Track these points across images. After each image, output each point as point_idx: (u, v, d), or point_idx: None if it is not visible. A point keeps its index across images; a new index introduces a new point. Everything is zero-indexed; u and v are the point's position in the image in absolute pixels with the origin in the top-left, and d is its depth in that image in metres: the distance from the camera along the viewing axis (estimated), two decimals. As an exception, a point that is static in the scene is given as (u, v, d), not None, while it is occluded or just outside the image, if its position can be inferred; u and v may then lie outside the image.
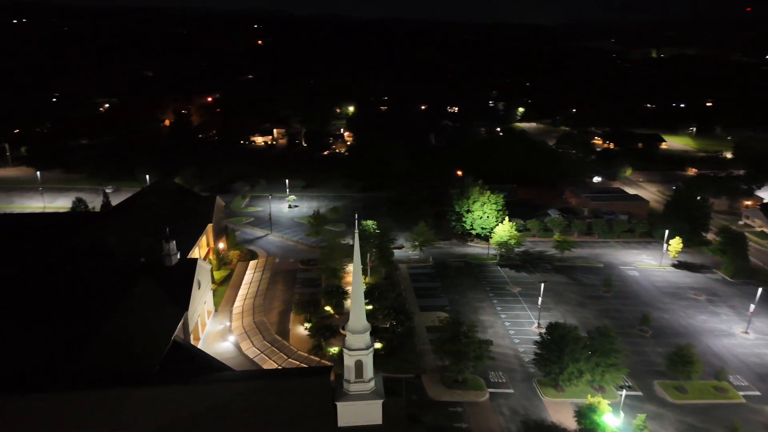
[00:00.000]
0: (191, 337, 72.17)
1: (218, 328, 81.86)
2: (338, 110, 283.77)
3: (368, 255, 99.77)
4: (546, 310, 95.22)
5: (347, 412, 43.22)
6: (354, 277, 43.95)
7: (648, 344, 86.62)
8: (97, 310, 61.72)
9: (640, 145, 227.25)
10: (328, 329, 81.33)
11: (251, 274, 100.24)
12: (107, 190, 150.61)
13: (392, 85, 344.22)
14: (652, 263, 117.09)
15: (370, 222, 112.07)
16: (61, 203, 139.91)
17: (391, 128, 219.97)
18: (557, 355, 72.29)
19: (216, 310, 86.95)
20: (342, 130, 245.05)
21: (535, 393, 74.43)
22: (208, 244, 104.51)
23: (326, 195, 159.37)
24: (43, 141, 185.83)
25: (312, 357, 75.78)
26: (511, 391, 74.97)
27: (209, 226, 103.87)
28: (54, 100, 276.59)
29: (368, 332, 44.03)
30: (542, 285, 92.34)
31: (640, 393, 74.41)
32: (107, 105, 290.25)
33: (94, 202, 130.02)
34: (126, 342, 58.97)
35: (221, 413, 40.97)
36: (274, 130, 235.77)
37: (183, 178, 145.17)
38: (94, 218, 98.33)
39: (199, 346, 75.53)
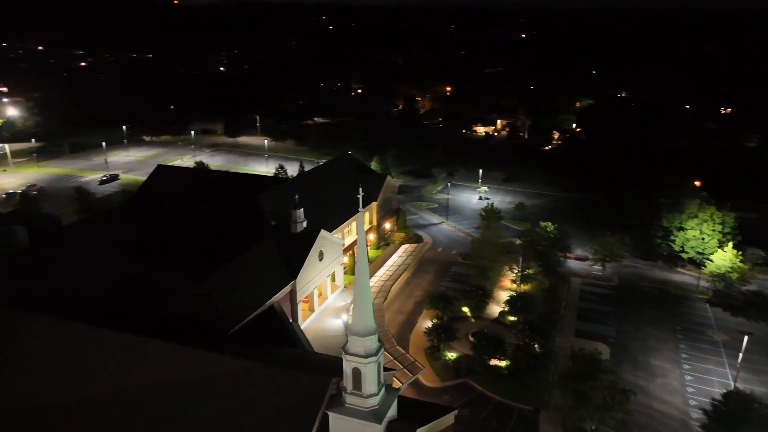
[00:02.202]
0: (300, 307, 71.98)
1: (339, 304, 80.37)
2: (578, 104, 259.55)
3: (520, 259, 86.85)
4: (754, 372, 70.23)
5: (339, 427, 36.24)
6: (358, 266, 36.27)
7: None
8: (212, 263, 65.26)
9: None
10: (447, 331, 73.03)
11: (398, 258, 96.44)
12: (320, 162, 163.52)
13: (660, 81, 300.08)
14: None
15: (547, 224, 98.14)
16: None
17: (629, 126, 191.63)
18: (728, 435, 51.82)
19: (346, 287, 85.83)
20: (574, 125, 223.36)
21: (691, 478, 54.91)
22: (370, 222, 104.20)
23: (525, 190, 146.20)
24: (285, 116, 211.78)
25: (408, 355, 68.91)
26: (656, 464, 56.72)
27: (373, 204, 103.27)
28: (320, 84, 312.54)
29: (371, 337, 35.77)
30: (746, 338, 67.73)
31: None
32: (359, 90, 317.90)
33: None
34: (222, 296, 60.99)
35: (204, 386, 38.41)
36: (498, 121, 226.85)
37: (381, 158, 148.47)
38: (277, 182, 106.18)
39: (310, 318, 75.30)
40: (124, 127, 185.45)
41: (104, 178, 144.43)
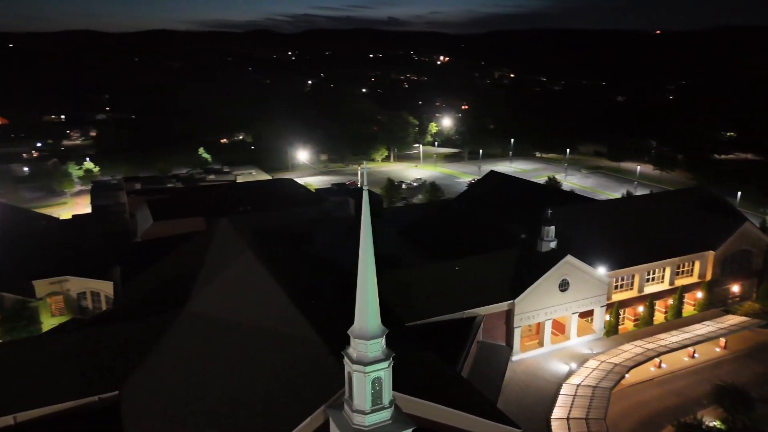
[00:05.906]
0: (517, 332, 61.53)
1: (580, 350, 64.01)
2: None
3: None
4: None
5: (334, 429, 30.09)
6: (361, 255, 28.14)
7: None
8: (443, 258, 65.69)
9: None
10: (709, 439, 49.90)
11: (711, 329, 69.07)
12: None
13: None
14: None
15: None
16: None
17: None
18: None
19: (606, 336, 67.58)
20: None
21: None
22: (701, 275, 79.45)
23: None
24: (698, 146, 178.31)
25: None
26: None
27: (710, 254, 78.36)
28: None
29: (365, 342, 27.14)
30: None
31: None
32: None
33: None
34: (427, 288, 59.51)
35: (265, 337, 38.15)
36: None
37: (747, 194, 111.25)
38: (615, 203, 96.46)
39: (533, 352, 63.75)
40: (512, 140, 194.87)
41: (471, 182, 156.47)
